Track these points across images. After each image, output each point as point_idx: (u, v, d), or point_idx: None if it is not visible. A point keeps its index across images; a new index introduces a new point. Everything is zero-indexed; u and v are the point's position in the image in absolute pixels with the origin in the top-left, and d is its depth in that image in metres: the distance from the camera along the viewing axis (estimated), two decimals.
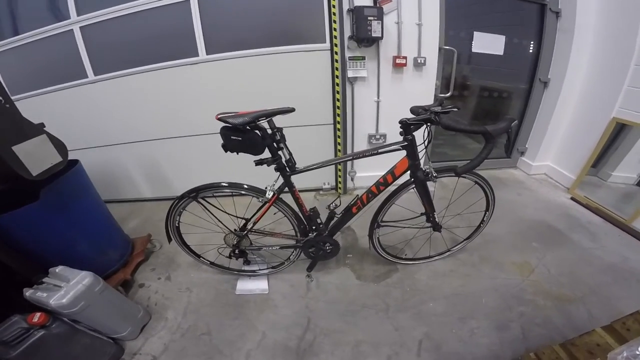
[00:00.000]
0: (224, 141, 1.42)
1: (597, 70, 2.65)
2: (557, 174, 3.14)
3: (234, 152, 1.44)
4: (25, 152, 1.46)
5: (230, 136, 1.39)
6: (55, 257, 1.62)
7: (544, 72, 2.95)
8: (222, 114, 1.34)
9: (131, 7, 2.26)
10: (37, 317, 1.30)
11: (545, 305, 1.78)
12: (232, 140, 1.39)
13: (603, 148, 2.67)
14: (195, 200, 1.65)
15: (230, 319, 1.79)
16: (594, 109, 2.72)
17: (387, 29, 2.31)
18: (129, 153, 2.87)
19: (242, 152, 1.44)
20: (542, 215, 2.61)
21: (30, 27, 2.36)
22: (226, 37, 2.38)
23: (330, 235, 1.83)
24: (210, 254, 2.00)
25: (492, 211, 1.93)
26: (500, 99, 3.19)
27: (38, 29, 2.36)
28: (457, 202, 1.99)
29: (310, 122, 2.65)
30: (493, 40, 2.78)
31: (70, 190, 1.77)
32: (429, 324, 1.71)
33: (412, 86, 2.63)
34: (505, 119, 1.30)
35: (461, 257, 2.16)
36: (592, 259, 2.10)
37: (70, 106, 2.60)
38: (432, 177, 1.60)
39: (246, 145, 1.41)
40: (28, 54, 2.44)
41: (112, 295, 1.62)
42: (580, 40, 2.64)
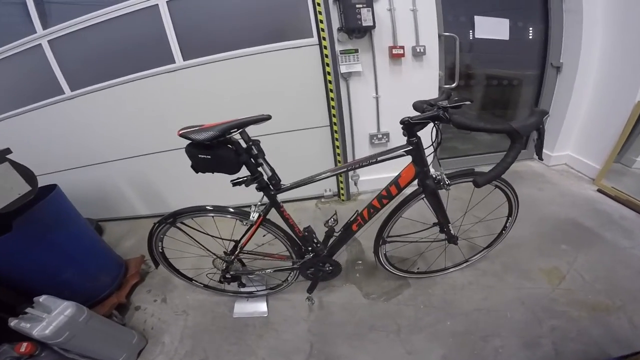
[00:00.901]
0: (191, 161, 1.24)
1: (614, 51, 2.43)
2: (579, 164, 2.90)
3: (206, 172, 1.26)
4: None
5: (198, 154, 1.20)
6: (41, 285, 1.58)
7: (555, 56, 2.74)
8: (184, 129, 1.16)
9: (98, 15, 2.15)
10: (24, 347, 1.30)
11: (580, 317, 1.57)
12: (200, 159, 1.21)
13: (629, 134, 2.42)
14: (173, 225, 1.50)
15: (228, 344, 1.68)
16: (615, 93, 2.50)
17: (379, 17, 2.13)
18: (119, 170, 2.76)
19: (214, 172, 1.25)
20: (568, 211, 2.37)
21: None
22: (203, 40, 2.26)
23: (329, 255, 1.64)
24: (203, 276, 1.86)
25: (516, 217, 1.72)
26: (510, 87, 2.98)
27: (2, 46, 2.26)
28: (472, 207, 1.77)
29: (304, 125, 2.48)
30: (496, 24, 2.58)
31: (48, 218, 1.69)
32: (447, 346, 1.52)
33: (413, 78, 2.45)
34: (534, 112, 1.04)
35: (481, 266, 1.95)
36: (630, 260, 1.86)
37: (47, 126, 2.50)
38: (444, 185, 1.36)
39: (217, 164, 1.22)
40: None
41: (100, 323, 1.55)
42: (590, 20, 2.43)
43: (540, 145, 1.10)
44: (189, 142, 1.18)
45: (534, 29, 2.73)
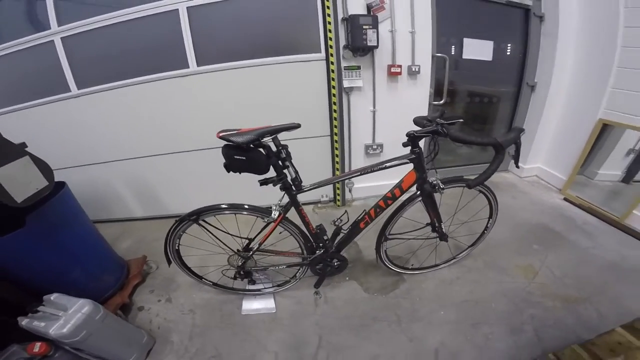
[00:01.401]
0: (226, 161, 1.35)
1: (582, 73, 2.74)
2: (548, 175, 3.22)
3: (237, 172, 1.37)
4: (7, 176, 1.34)
5: (234, 155, 1.31)
6: (47, 284, 1.55)
7: (530, 76, 3.03)
8: (223, 132, 1.27)
9: (117, 16, 2.17)
10: (38, 347, 1.26)
11: (554, 307, 1.80)
12: (236, 160, 1.32)
13: (591, 148, 2.75)
14: (196, 222, 1.58)
15: (239, 340, 1.73)
16: (580, 111, 2.81)
17: (381, 37, 2.30)
18: (117, 171, 2.75)
19: (245, 172, 1.37)
20: (539, 217, 2.66)
21: (7, 38, 2.25)
22: (218, 48, 2.32)
23: (337, 251, 1.79)
24: (211, 274, 1.94)
25: (496, 218, 1.95)
26: (490, 104, 3.25)
27: (16, 39, 2.24)
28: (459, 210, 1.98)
29: (306, 134, 2.59)
30: (482, 46, 2.84)
31: (57, 216, 1.67)
32: (443, 333, 1.70)
33: (407, 95, 2.65)
34: (514, 129, 1.30)
35: (466, 263, 2.16)
36: (592, 259, 2.15)
37: (51, 123, 2.47)
38: (439, 188, 1.58)
39: (250, 165, 1.34)
40: (4, 67, 2.32)
41: (114, 321, 1.56)
42: (564, 44, 2.73)
43: (517, 156, 1.38)
44: (226, 143, 1.29)
45: (514, 50, 3.00)
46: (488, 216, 1.96)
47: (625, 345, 1.07)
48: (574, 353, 1.25)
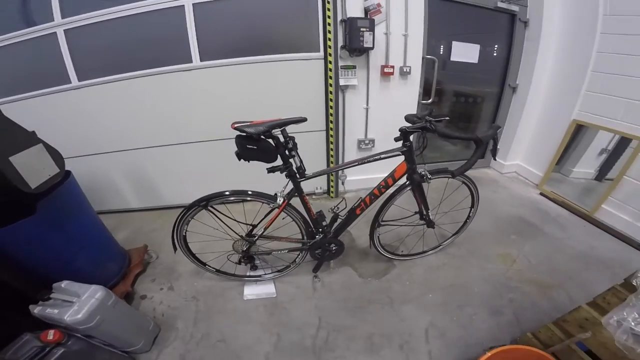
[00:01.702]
0: (239, 149, 1.47)
1: (559, 76, 2.94)
2: (527, 172, 3.44)
3: (248, 160, 1.49)
4: (22, 163, 1.38)
5: (246, 145, 1.43)
6: (54, 272, 1.57)
7: (512, 78, 3.22)
8: (238, 123, 1.39)
9: (123, 10, 2.20)
10: (52, 334, 1.24)
11: (530, 292, 1.98)
12: (248, 148, 1.44)
13: (565, 147, 2.96)
14: (205, 208, 1.67)
15: (243, 324, 1.82)
16: (556, 112, 3.02)
17: (376, 39, 2.41)
18: (115, 162, 2.77)
19: (255, 160, 1.49)
20: (517, 210, 2.87)
21: (10, 29, 2.24)
22: (221, 44, 2.39)
23: (335, 236, 1.93)
24: (213, 262, 2.02)
25: (477, 207, 2.13)
26: (474, 104, 3.45)
27: (19, 30, 2.24)
28: (444, 201, 2.15)
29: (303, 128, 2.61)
30: (469, 49, 3.01)
31: (65, 203, 1.71)
32: (432, 314, 1.85)
33: (398, 94, 2.79)
34: (492, 127, 1.50)
35: (451, 251, 2.34)
36: (564, 248, 2.36)
37: (52, 113, 2.48)
38: (426, 179, 1.75)
39: (261, 154, 1.46)
40: (7, 57, 2.32)
41: (124, 307, 1.60)
42: (545, 48, 2.92)
43: (495, 150, 1.57)
44: (239, 133, 1.41)
45: (499, 53, 3.19)
46: (470, 206, 2.13)
47: (591, 321, 1.20)
48: (548, 330, 1.38)
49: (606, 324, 1.06)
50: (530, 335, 1.46)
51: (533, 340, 1.43)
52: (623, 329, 1.00)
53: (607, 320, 1.06)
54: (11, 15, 2.23)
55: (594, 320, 1.20)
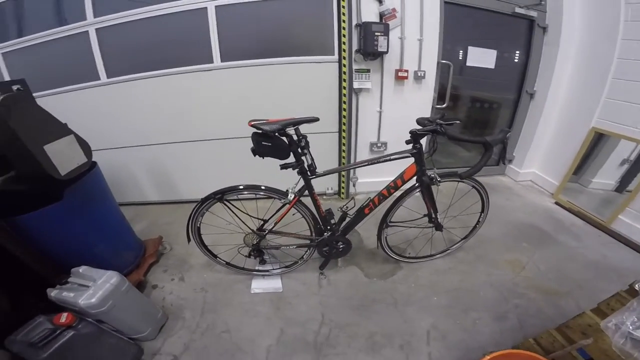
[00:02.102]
0: (254, 146, 1.54)
1: (579, 83, 2.88)
2: (542, 181, 3.38)
3: (262, 156, 1.56)
4: (55, 151, 1.49)
5: (262, 142, 1.51)
6: (74, 258, 1.64)
7: (530, 84, 3.18)
8: (254, 121, 1.46)
9: (149, 11, 2.34)
10: (64, 317, 1.29)
11: (536, 298, 1.95)
12: (263, 145, 1.51)
13: (583, 156, 2.90)
14: (220, 201, 1.74)
15: (248, 317, 1.87)
16: (575, 119, 2.95)
17: (391, 44, 2.45)
18: (137, 156, 2.91)
19: (269, 157, 1.56)
20: (530, 218, 2.83)
21: (46, 27, 2.41)
22: (241, 46, 2.48)
23: (343, 234, 1.97)
24: (223, 255, 2.09)
25: (487, 212, 2.11)
26: (490, 110, 3.42)
27: (54, 28, 2.40)
28: (454, 206, 2.16)
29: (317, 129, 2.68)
30: (485, 54, 2.99)
31: (90, 192, 1.81)
32: (435, 316, 1.85)
33: (412, 98, 2.81)
34: (501, 131, 1.51)
35: (459, 255, 2.33)
36: (576, 257, 2.31)
37: (81, 107, 2.63)
38: (436, 181, 1.76)
39: (274, 150, 1.53)
40: (43, 53, 2.48)
41: (136, 294, 1.66)
42: (564, 55, 2.87)
43: (504, 154, 1.59)
44: (255, 131, 1.48)
45: (516, 59, 3.15)
46: (480, 211, 2.12)
47: (593, 328, 1.19)
48: (550, 336, 1.38)
49: (604, 328, 1.06)
50: (532, 341, 1.46)
51: (534, 345, 1.43)
52: (621, 333, 1.00)
53: (606, 324, 1.05)
54: (48, 14, 2.39)
55: (597, 327, 1.19)
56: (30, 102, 1.53)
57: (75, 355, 1.33)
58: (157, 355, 1.65)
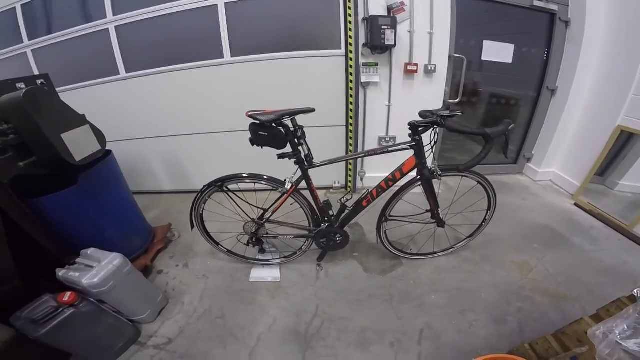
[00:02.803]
0: (252, 136, 1.59)
1: (604, 79, 2.71)
2: (563, 181, 3.20)
3: (260, 146, 1.60)
4: (71, 139, 1.61)
5: (258, 132, 1.55)
6: (85, 240, 1.73)
7: (551, 80, 3.02)
8: (251, 112, 1.50)
9: (163, 9, 2.45)
10: (68, 295, 1.37)
11: (542, 302, 1.87)
12: (260, 135, 1.55)
13: (608, 156, 2.73)
14: (220, 189, 1.80)
15: (244, 304, 1.92)
16: (599, 117, 2.78)
17: (399, 37, 2.41)
18: (152, 147, 3.05)
19: (266, 146, 1.59)
20: (545, 219, 2.69)
21: (69, 25, 2.57)
22: (249, 41, 2.54)
23: (341, 226, 1.97)
24: (226, 242, 2.14)
25: (494, 210, 2.03)
26: (508, 106, 3.27)
27: (77, 26, 2.56)
28: (460, 202, 2.10)
29: (323, 123, 2.77)
30: (502, 48, 2.88)
31: (103, 178, 1.92)
32: (431, 315, 1.81)
33: (422, 92, 2.75)
34: (503, 122, 1.45)
35: (464, 254, 2.26)
36: (591, 261, 2.18)
37: (101, 100, 2.78)
38: (437, 175, 1.72)
39: (271, 140, 1.57)
40: (68, 50, 2.65)
41: (137, 277, 1.73)
42: (588, 50, 2.71)
43: (506, 147, 1.50)
44: (253, 121, 1.52)
45: (536, 54, 3.01)
46: (486, 208, 2.05)
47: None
48: (546, 342, 1.31)
49: (591, 336, 0.98)
50: (527, 347, 1.39)
51: (529, 351, 1.36)
52: (607, 342, 0.92)
53: (593, 332, 0.97)
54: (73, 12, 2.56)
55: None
56: (52, 95, 1.65)
57: (72, 333, 1.40)
58: (153, 338, 1.72)
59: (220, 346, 1.67)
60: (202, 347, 1.67)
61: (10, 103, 1.42)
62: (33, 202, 1.60)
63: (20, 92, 1.40)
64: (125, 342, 1.64)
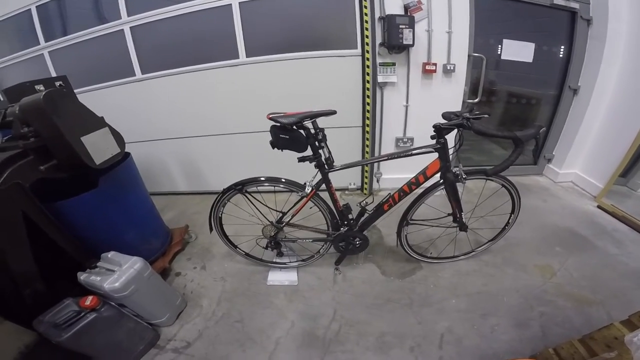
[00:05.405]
0: (272, 138, 1.56)
1: (629, 78, 2.63)
2: (585, 182, 3.11)
3: (280, 149, 1.58)
4: (91, 142, 1.59)
5: (279, 134, 1.53)
6: (105, 243, 1.74)
7: (574, 79, 2.94)
8: (272, 114, 1.48)
9: (176, 9, 2.45)
10: (90, 300, 1.37)
11: (565, 306, 1.82)
12: (281, 138, 1.53)
13: (633, 157, 2.64)
14: (240, 192, 1.79)
15: (261, 307, 1.91)
16: (624, 117, 2.69)
17: (417, 36, 2.38)
18: (169, 148, 3.07)
19: (287, 149, 1.57)
20: (567, 221, 2.62)
21: (85, 26, 2.60)
22: (264, 41, 2.53)
23: (360, 230, 1.94)
24: (243, 245, 2.14)
25: (518, 214, 1.99)
26: (528, 106, 3.20)
27: (92, 27, 2.59)
28: (482, 205, 2.06)
29: (340, 124, 2.72)
30: (522, 47, 2.81)
31: (123, 181, 1.93)
32: (451, 319, 1.78)
33: (440, 92, 2.70)
34: (533, 126, 1.40)
35: (485, 258, 2.22)
36: (615, 265, 2.12)
37: (118, 102, 2.81)
38: (461, 178, 1.68)
39: (292, 143, 1.55)
40: (84, 52, 2.69)
41: (157, 280, 1.74)
42: (612, 48, 2.63)
43: (537, 151, 1.46)
44: (274, 124, 1.51)
45: (557, 53, 2.93)
46: (510, 212, 2.01)
47: (620, 340, 1.09)
48: (572, 347, 1.28)
49: (628, 342, 0.97)
50: (552, 351, 1.36)
51: (554, 356, 1.34)
52: None
53: (630, 338, 0.96)
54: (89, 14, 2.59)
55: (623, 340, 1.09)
56: (71, 98, 1.65)
57: (94, 337, 1.42)
58: (172, 341, 1.72)
59: (239, 350, 1.67)
60: (221, 350, 1.67)
61: (31, 106, 1.42)
62: (54, 205, 1.62)
63: (40, 94, 1.39)
64: (145, 346, 1.64)
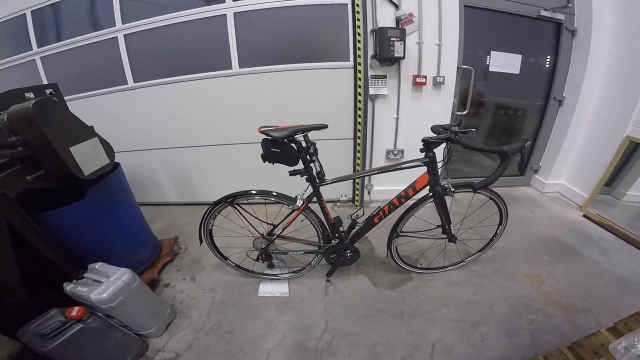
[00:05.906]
0: (264, 152, 1.57)
1: (612, 89, 2.70)
2: (571, 193, 3.18)
3: (272, 162, 1.58)
4: (80, 153, 1.57)
5: (270, 148, 1.53)
6: (93, 254, 1.71)
7: (559, 90, 3.01)
8: (264, 127, 1.49)
9: (172, 18, 2.45)
10: (76, 310, 1.35)
11: (554, 314, 1.85)
12: (272, 151, 1.54)
13: (617, 167, 2.71)
14: (231, 205, 1.78)
15: (252, 319, 1.89)
16: (607, 128, 2.76)
17: (408, 49, 2.41)
18: (159, 158, 3.03)
19: (278, 163, 1.57)
20: (554, 231, 2.67)
21: (79, 33, 2.58)
22: (257, 52, 2.54)
23: (351, 242, 1.95)
24: (234, 257, 2.13)
25: (505, 225, 2.03)
26: (515, 117, 3.27)
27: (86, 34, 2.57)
28: (471, 217, 2.08)
29: (331, 136, 2.69)
30: (510, 59, 2.88)
31: (112, 192, 1.91)
32: (442, 329, 1.79)
33: (430, 104, 2.74)
34: (519, 140, 1.44)
35: (474, 268, 2.24)
36: (602, 272, 2.16)
37: (109, 110, 2.78)
38: (449, 191, 1.71)
39: (283, 157, 1.55)
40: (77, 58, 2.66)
41: (146, 292, 1.72)
42: (596, 59, 2.71)
43: (522, 164, 1.53)
44: (265, 137, 1.51)
45: (544, 64, 3.01)
46: (498, 223, 2.04)
47: (606, 347, 1.12)
48: (561, 354, 1.30)
49: (612, 350, 0.99)
50: (542, 359, 1.38)
51: None
52: (629, 356, 0.93)
53: (615, 346, 0.99)
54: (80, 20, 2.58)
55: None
56: (61, 107, 1.64)
57: (80, 348, 1.39)
58: (160, 352, 1.70)
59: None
60: None
61: (20, 114, 1.38)
62: (41, 215, 1.59)
63: (30, 102, 1.36)
64: (133, 357, 1.62)
